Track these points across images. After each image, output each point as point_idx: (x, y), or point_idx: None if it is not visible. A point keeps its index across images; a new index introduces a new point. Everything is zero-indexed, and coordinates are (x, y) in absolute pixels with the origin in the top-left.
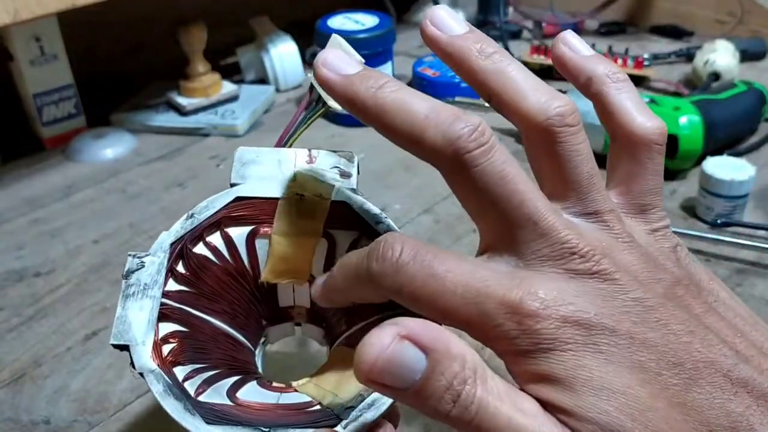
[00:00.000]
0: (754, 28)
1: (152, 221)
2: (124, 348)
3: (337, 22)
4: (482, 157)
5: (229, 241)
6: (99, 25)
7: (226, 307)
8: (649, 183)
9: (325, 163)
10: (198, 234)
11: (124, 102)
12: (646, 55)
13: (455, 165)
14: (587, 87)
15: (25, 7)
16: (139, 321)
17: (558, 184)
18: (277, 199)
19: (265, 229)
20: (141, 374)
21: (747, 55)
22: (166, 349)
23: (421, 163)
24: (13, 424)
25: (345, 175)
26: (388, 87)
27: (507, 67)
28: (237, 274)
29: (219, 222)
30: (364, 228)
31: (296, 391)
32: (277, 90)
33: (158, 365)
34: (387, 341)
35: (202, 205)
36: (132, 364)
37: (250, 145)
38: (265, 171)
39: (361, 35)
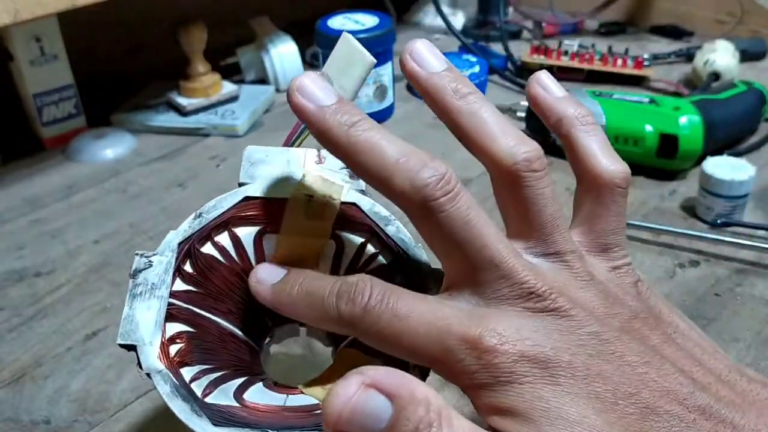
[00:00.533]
0: (754, 28)
1: (152, 221)
2: (131, 348)
3: (337, 22)
4: (448, 204)
5: (236, 241)
6: (99, 25)
7: (232, 308)
8: (611, 223)
9: (335, 164)
10: (206, 234)
11: (124, 102)
12: (646, 55)
13: (422, 210)
14: (557, 127)
15: (25, 7)
16: (146, 321)
17: (523, 225)
18: (285, 199)
19: (274, 229)
20: (148, 375)
21: (747, 55)
22: (174, 349)
23: None
24: (13, 424)
25: (354, 176)
26: (361, 126)
27: (479, 110)
28: (244, 274)
29: (227, 222)
30: (373, 230)
31: (302, 393)
32: (277, 90)
33: (165, 366)
34: (352, 391)
35: (210, 205)
36: (139, 364)
37: (251, 144)
38: (274, 171)
39: (361, 35)
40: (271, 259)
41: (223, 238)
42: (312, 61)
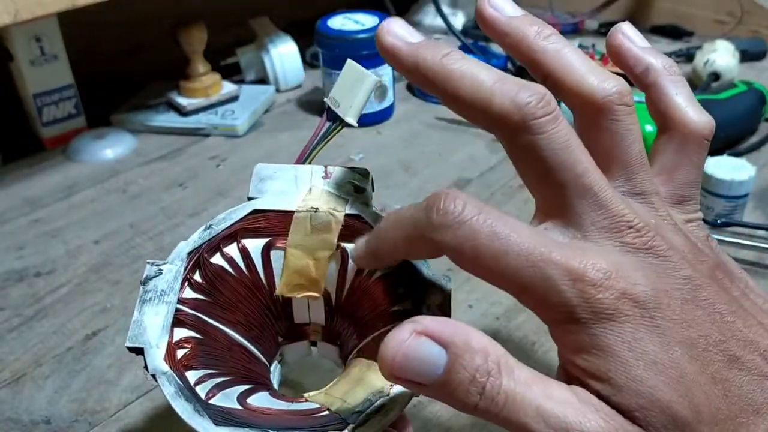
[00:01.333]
0: (754, 28)
1: (152, 221)
2: (139, 351)
3: (337, 22)
4: (549, 125)
5: (245, 252)
6: (99, 25)
7: (241, 319)
8: (691, 175)
9: (340, 178)
10: (215, 245)
11: (124, 102)
12: None
13: (522, 130)
14: (644, 77)
15: (25, 7)
16: (154, 325)
17: (609, 162)
18: (292, 212)
19: (281, 241)
20: (153, 376)
21: (747, 55)
22: (180, 353)
23: (421, 163)
24: (13, 424)
25: (359, 190)
26: (454, 55)
27: (564, 49)
28: (252, 287)
29: (235, 233)
30: None
31: (307, 401)
32: (277, 90)
33: (171, 368)
34: (403, 337)
35: (220, 217)
36: (146, 366)
37: (251, 145)
38: (282, 186)
39: (361, 35)
40: (281, 278)
41: (232, 250)
42: (312, 61)
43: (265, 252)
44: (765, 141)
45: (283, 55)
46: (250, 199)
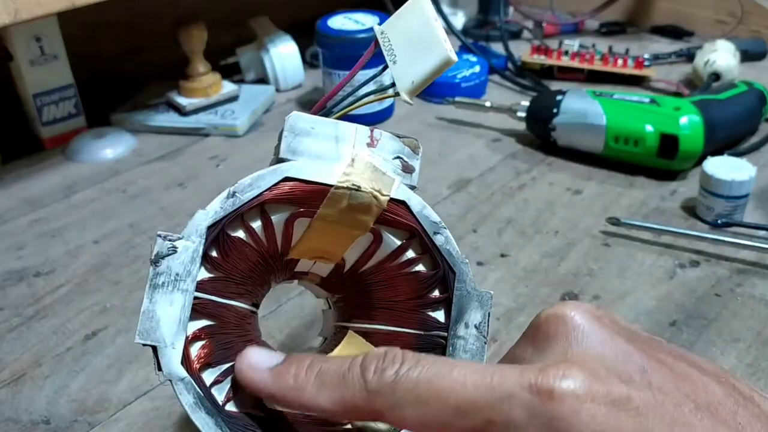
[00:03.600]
0: (754, 28)
1: (152, 221)
2: (151, 347)
3: (337, 22)
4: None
5: (268, 224)
6: (99, 25)
7: (250, 288)
8: None
9: (388, 149)
10: (237, 216)
11: (124, 102)
12: (646, 55)
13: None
14: None
15: (25, 7)
16: (168, 318)
17: None
18: (330, 186)
19: (309, 213)
20: (169, 380)
21: (747, 56)
22: (195, 349)
23: (421, 163)
24: (13, 424)
25: (408, 169)
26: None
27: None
28: (267, 255)
29: (262, 204)
30: (418, 234)
31: None
32: (277, 90)
33: (188, 371)
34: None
35: (246, 183)
36: (158, 366)
37: (251, 145)
38: (320, 147)
39: (361, 35)
40: (297, 242)
41: (255, 222)
42: (312, 61)
43: (289, 223)
44: (765, 141)
45: (283, 55)
46: (280, 160)
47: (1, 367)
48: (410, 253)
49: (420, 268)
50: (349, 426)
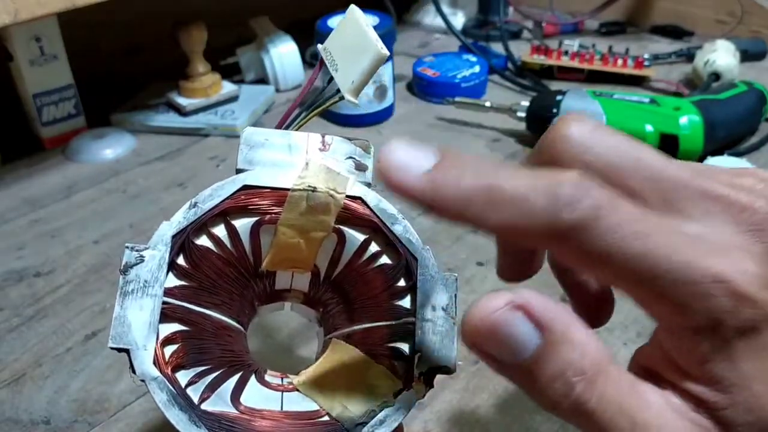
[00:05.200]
0: (754, 28)
1: (152, 221)
2: (124, 351)
3: (337, 22)
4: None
5: (233, 231)
6: (99, 25)
7: (225, 299)
8: None
9: (340, 152)
10: (201, 225)
11: (124, 102)
12: (646, 55)
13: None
14: None
15: (25, 7)
16: (139, 322)
17: None
18: (287, 190)
19: (272, 220)
20: (143, 380)
21: (747, 56)
22: (168, 351)
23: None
24: (13, 424)
25: (361, 167)
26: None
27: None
28: (237, 264)
29: (224, 212)
30: (378, 227)
31: (298, 390)
32: (277, 90)
33: (160, 371)
34: (498, 305)
35: (206, 194)
36: (132, 368)
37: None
38: (275, 157)
39: None
40: (268, 252)
41: (219, 230)
42: (312, 61)
43: (255, 230)
44: (765, 141)
45: (283, 55)
46: (238, 171)
47: (1, 367)
48: (374, 247)
49: (384, 260)
50: (326, 418)
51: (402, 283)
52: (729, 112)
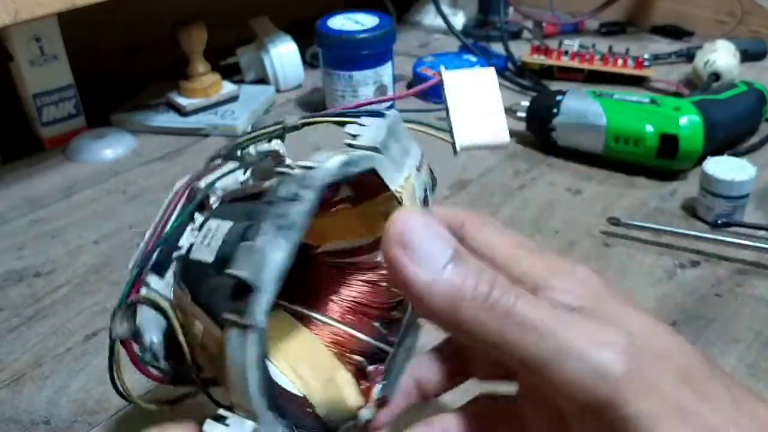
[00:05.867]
0: (754, 28)
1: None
2: (241, 287)
3: (337, 22)
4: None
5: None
6: (99, 25)
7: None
8: None
9: (422, 180)
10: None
11: (124, 102)
12: (646, 55)
13: None
14: None
15: (25, 7)
16: (273, 262)
17: None
18: (388, 189)
19: (350, 200)
20: (248, 326)
21: (747, 56)
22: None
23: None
24: (13, 424)
25: (426, 203)
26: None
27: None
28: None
29: (338, 186)
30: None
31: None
32: (277, 90)
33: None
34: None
35: (356, 156)
36: (238, 309)
37: None
38: (395, 154)
39: (361, 35)
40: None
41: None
42: (312, 61)
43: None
44: (765, 141)
45: (283, 55)
46: (373, 148)
47: (1, 367)
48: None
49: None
50: (310, 410)
51: (395, 313)
52: (729, 113)
